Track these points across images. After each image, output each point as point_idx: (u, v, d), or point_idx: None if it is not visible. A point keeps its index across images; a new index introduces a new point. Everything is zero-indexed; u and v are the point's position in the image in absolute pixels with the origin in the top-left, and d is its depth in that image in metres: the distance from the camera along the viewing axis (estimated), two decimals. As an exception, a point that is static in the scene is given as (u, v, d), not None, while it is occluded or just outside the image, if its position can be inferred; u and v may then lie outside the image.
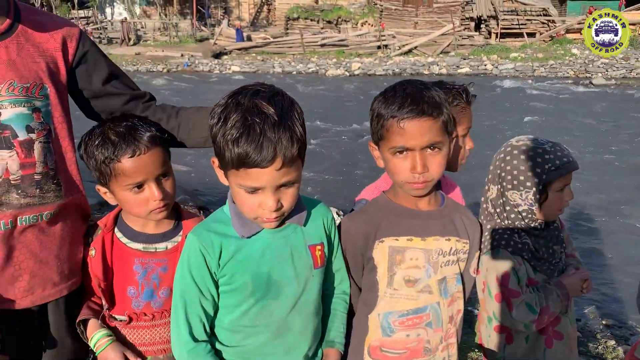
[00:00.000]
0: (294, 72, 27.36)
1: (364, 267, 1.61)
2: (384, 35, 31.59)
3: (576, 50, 28.79)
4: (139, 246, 1.67)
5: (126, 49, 32.58)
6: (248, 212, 1.44)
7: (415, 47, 30.71)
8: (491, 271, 1.86)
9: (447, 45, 30.57)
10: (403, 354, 1.58)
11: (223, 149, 1.35)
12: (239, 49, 32.06)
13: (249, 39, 33.35)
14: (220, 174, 1.46)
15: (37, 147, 1.54)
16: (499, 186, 1.90)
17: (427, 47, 30.64)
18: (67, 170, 1.64)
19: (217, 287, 1.49)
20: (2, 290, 1.53)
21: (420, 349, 1.59)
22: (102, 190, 1.65)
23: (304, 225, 1.55)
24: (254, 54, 31.44)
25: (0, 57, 1.49)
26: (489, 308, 1.90)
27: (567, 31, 31.11)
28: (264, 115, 1.32)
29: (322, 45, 32.13)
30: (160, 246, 1.68)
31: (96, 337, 1.63)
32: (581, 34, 31.95)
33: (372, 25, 35.99)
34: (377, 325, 1.59)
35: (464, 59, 28.21)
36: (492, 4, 34.57)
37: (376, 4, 37.65)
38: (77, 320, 1.63)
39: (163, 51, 31.65)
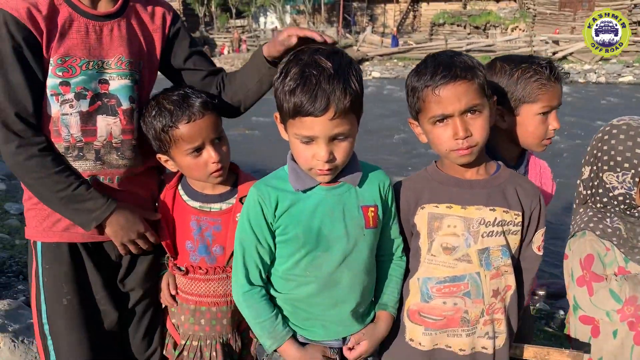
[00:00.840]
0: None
1: (412, 233, 1.62)
2: (534, 41, 29.83)
3: None
4: (196, 204, 1.78)
5: (275, 55, 34.55)
6: (303, 163, 1.50)
7: (571, 54, 28.56)
8: (576, 254, 1.73)
9: (608, 52, 28.00)
10: (439, 321, 1.54)
11: (282, 99, 1.44)
12: (381, 55, 32.34)
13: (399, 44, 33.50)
14: (281, 128, 1.55)
15: (135, 116, 1.72)
16: (594, 167, 1.76)
17: (584, 54, 28.32)
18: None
19: (273, 237, 1.58)
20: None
21: (458, 318, 1.53)
22: (162, 158, 1.77)
23: (359, 186, 1.58)
24: (395, 60, 31.52)
25: (113, 34, 1.66)
26: (572, 293, 1.76)
27: None
28: (321, 68, 1.40)
29: (468, 51, 31.20)
30: (215, 206, 1.77)
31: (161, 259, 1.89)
32: None
33: (522, 31, 34.20)
34: (416, 290, 1.58)
35: (627, 67, 25.60)
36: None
37: (529, 9, 35.69)
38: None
39: (308, 57, 33.03)
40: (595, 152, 1.78)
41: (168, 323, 1.89)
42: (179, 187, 1.82)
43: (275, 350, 1.58)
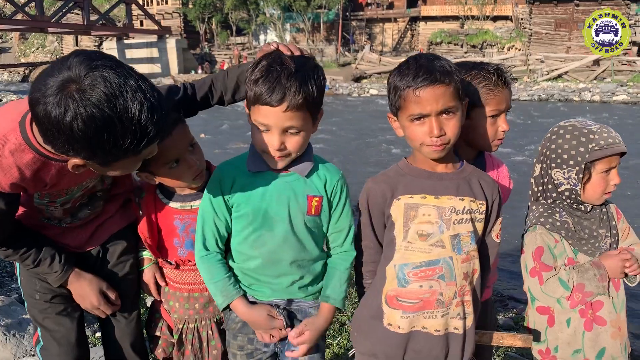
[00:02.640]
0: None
1: (385, 226, 1.72)
2: (530, 60, 30.17)
3: None
4: (176, 205, 1.90)
5: (274, 72, 34.87)
6: (258, 146, 1.66)
7: (566, 72, 28.90)
8: (528, 247, 1.85)
9: (603, 71, 28.32)
10: (417, 304, 1.64)
11: (249, 87, 1.61)
12: (379, 73, 32.70)
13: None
14: (248, 113, 1.70)
15: (108, 183, 1.93)
16: (544, 164, 1.88)
17: (579, 73, 28.68)
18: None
19: (229, 212, 1.76)
20: (79, 241, 1.92)
21: (434, 300, 1.63)
22: (142, 175, 1.85)
23: (308, 177, 1.74)
24: (393, 78, 31.84)
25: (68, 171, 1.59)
26: (526, 284, 1.87)
27: None
28: (284, 67, 1.57)
29: (464, 70, 31.55)
30: (195, 204, 1.87)
31: (143, 253, 2.01)
32: None
33: (518, 50, 34.62)
34: (393, 276, 1.67)
35: (622, 86, 25.90)
36: (660, 27, 31.42)
37: (525, 28, 36.19)
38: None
39: (307, 74, 33.34)
40: (544, 150, 1.88)
41: (162, 310, 1.99)
42: (157, 191, 1.93)
43: (227, 308, 1.76)
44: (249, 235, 1.73)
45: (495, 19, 40.21)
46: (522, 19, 37.33)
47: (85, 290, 1.87)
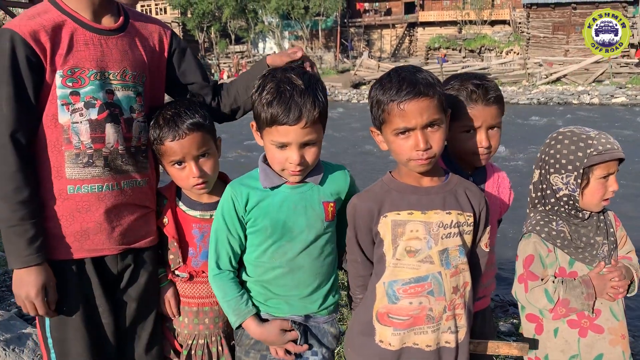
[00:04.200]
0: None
1: (373, 242, 1.71)
2: (528, 64, 30.24)
3: None
4: (196, 213, 1.92)
5: (273, 80, 34.98)
6: (277, 165, 1.71)
7: (564, 76, 28.96)
8: (521, 254, 1.87)
9: (601, 74, 28.37)
10: (407, 320, 1.64)
11: (259, 111, 1.65)
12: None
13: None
14: (257, 135, 1.75)
15: (135, 125, 1.81)
16: (542, 170, 1.89)
17: (577, 76, 28.74)
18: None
19: (244, 229, 1.79)
20: (100, 241, 1.77)
21: (423, 316, 1.63)
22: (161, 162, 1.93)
23: (321, 184, 1.79)
24: (392, 84, 31.90)
25: (117, 48, 1.76)
26: (514, 289, 1.89)
27: None
28: (293, 85, 1.63)
29: (463, 75, 31.63)
30: (214, 213, 1.88)
31: (159, 271, 1.97)
32: None
33: (517, 54, 34.70)
34: (383, 293, 1.67)
35: (620, 88, 25.95)
36: (658, 28, 31.50)
37: (523, 32, 36.31)
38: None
39: (306, 82, 33.44)
40: (543, 156, 1.88)
41: (165, 330, 1.97)
42: (177, 199, 1.95)
43: (239, 327, 1.78)
44: (268, 248, 1.77)
45: (493, 23, 40.34)
46: (519, 23, 37.45)
47: (31, 278, 1.66)
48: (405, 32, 44.37)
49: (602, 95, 25.37)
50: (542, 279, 1.84)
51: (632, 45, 33.16)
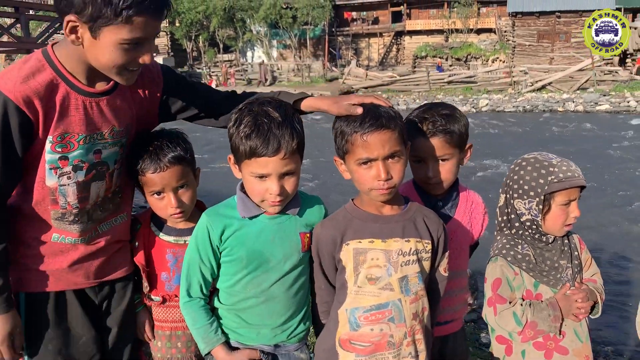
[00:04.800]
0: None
1: (336, 269, 1.77)
2: (513, 72, 30.55)
3: None
4: (170, 239, 1.98)
5: (262, 89, 35.01)
6: (257, 197, 1.73)
7: (550, 83, 29.28)
8: (489, 277, 1.93)
9: (585, 81, 28.71)
10: (369, 347, 1.69)
11: (238, 144, 1.68)
12: (366, 88, 32.93)
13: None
14: (235, 168, 1.78)
15: (116, 174, 1.86)
16: (507, 195, 1.96)
17: (562, 84, 29.06)
18: (126, 182, 1.94)
19: (217, 258, 1.81)
20: (79, 276, 1.84)
21: (385, 342, 1.68)
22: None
23: (299, 214, 1.83)
24: (379, 92, 32.10)
25: (108, 108, 1.75)
26: (484, 312, 1.94)
27: None
28: (271, 117, 1.67)
29: (449, 82, 31.90)
30: (189, 239, 1.94)
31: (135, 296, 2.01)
32: None
33: (503, 62, 35.05)
34: (345, 320, 1.72)
35: (604, 96, 26.23)
36: (640, 37, 32.00)
37: (508, 40, 36.70)
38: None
39: (295, 91, 33.39)
40: (508, 181, 1.95)
41: (141, 354, 2.02)
42: (152, 225, 2.01)
43: (208, 353, 1.81)
44: (243, 278, 1.79)
45: (479, 31, 40.71)
46: (505, 31, 37.87)
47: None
48: (393, 40, 44.64)
49: (586, 103, 25.63)
50: (510, 302, 1.89)
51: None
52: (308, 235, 1.82)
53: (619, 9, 36.63)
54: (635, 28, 32.98)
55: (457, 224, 2.00)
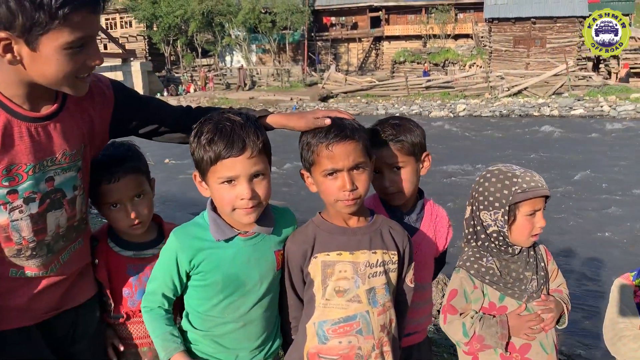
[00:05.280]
0: (397, 114, 27.58)
1: (304, 282, 1.76)
2: (490, 77, 30.95)
3: None
4: (129, 253, 1.94)
5: (241, 94, 34.96)
6: (228, 206, 1.63)
7: (525, 88, 29.73)
8: (449, 286, 1.96)
9: (560, 86, 29.24)
10: None
11: (201, 153, 1.61)
12: (345, 92, 33.06)
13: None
14: (201, 186, 1.70)
15: (78, 201, 1.73)
16: (473, 207, 1.97)
17: (538, 88, 29.54)
18: (87, 204, 1.83)
19: (181, 280, 1.73)
20: (42, 308, 1.71)
21: (353, 355, 1.68)
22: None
23: (273, 233, 1.77)
24: (359, 97, 32.26)
25: (56, 132, 1.61)
26: (440, 318, 1.97)
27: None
28: (232, 120, 1.63)
29: (427, 88, 32.19)
30: (148, 252, 1.93)
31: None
32: None
33: (480, 67, 35.50)
34: (313, 334, 1.72)
35: (578, 100, 26.75)
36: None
37: (485, 46, 37.19)
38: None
39: (274, 95, 33.54)
40: (474, 193, 1.96)
41: None
42: (108, 240, 1.96)
43: None
44: (219, 303, 1.73)
45: (456, 37, 41.21)
46: (482, 37, 38.38)
47: None
48: (372, 45, 44.91)
49: (561, 108, 26.10)
50: (461, 313, 1.91)
51: (588, 59, 34.34)
52: (281, 252, 1.78)
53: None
54: (608, 34, 33.66)
55: (423, 236, 2.01)
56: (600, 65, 33.66)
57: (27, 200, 1.59)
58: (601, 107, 25.49)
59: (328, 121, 1.66)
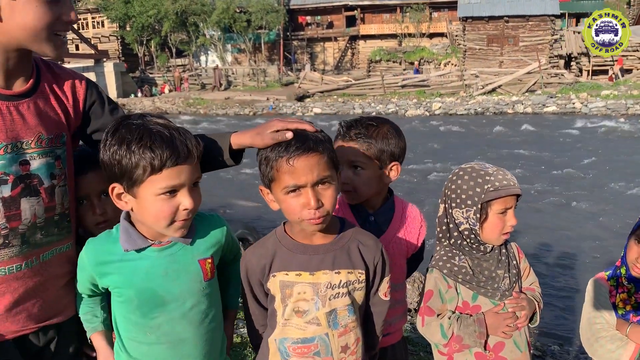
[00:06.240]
0: (374, 113, 27.68)
1: (267, 295, 1.67)
2: (465, 75, 31.28)
3: (678, 86, 26.89)
4: None
5: (217, 94, 34.66)
6: (165, 220, 1.49)
7: (500, 86, 30.10)
8: (425, 287, 1.93)
9: (533, 84, 29.68)
10: None
11: (135, 161, 1.44)
12: (322, 92, 33.04)
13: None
14: (124, 203, 1.54)
15: (57, 192, 1.65)
16: (446, 205, 1.95)
17: (512, 86, 29.94)
18: (73, 206, 1.76)
19: (97, 289, 1.65)
20: (20, 321, 1.62)
21: None
22: None
23: (193, 240, 1.61)
24: (335, 96, 32.27)
25: (30, 112, 1.57)
26: (417, 319, 1.94)
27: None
28: (164, 125, 1.48)
29: (403, 86, 32.36)
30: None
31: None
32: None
33: (454, 66, 35.83)
34: (275, 349, 1.65)
35: (551, 97, 27.19)
36: (583, 41, 33.28)
37: (460, 44, 37.54)
38: None
39: (250, 95, 33.33)
40: (446, 191, 1.95)
41: None
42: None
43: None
44: (137, 321, 1.58)
45: (431, 36, 41.55)
46: (456, 35, 38.72)
47: None
48: (348, 44, 45.00)
49: (534, 105, 26.52)
50: (438, 315, 1.89)
51: (560, 57, 34.94)
52: (209, 260, 1.62)
53: (562, 14, 38.08)
54: (579, 32, 34.32)
55: (391, 237, 1.96)
56: (572, 63, 34.27)
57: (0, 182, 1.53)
58: (573, 104, 25.97)
59: (290, 135, 1.51)
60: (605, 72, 31.60)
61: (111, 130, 1.51)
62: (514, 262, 1.98)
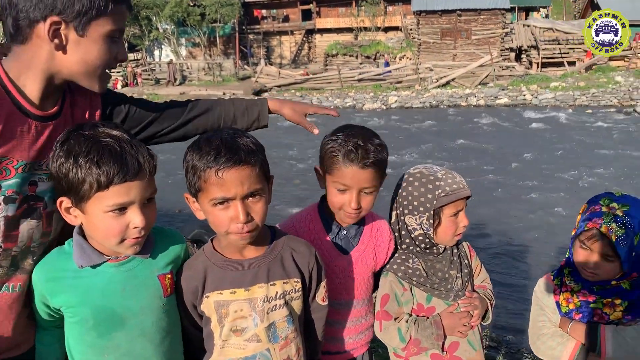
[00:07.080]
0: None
1: (201, 317, 1.61)
2: (419, 68, 31.72)
3: (620, 78, 28.05)
4: None
5: (172, 89, 33.97)
6: (115, 237, 1.43)
7: (453, 79, 30.68)
8: (380, 291, 1.93)
9: (486, 77, 30.38)
10: None
11: (82, 176, 1.37)
12: (279, 86, 32.89)
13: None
14: (70, 215, 1.47)
15: (55, 217, 1.58)
16: (397, 212, 1.96)
17: (465, 79, 30.56)
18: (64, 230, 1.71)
19: (51, 311, 1.54)
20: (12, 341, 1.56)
21: None
22: None
23: (152, 255, 1.55)
24: (292, 91, 32.18)
25: (52, 136, 1.53)
26: (375, 326, 1.96)
27: (611, 59, 30.38)
28: (116, 137, 1.42)
29: (360, 80, 32.56)
30: None
31: None
32: (625, 61, 31.13)
33: (409, 59, 36.28)
34: None
35: (503, 90, 27.94)
36: (533, 34, 34.29)
37: (414, 38, 38.02)
38: None
39: (206, 90, 32.82)
40: (398, 198, 1.93)
41: None
42: None
43: None
44: (93, 342, 1.50)
45: (386, 30, 41.92)
46: (410, 29, 39.20)
47: None
48: (304, 38, 44.90)
49: (487, 97, 27.15)
50: (395, 318, 1.90)
51: (511, 49, 35.87)
52: (169, 276, 1.56)
53: (513, 8, 39.04)
54: (528, 26, 35.32)
55: (360, 252, 1.91)
56: (522, 56, 35.24)
57: (7, 200, 1.47)
58: (524, 95, 26.75)
59: (316, 131, 1.62)
60: (555, 64, 32.64)
61: (60, 141, 1.46)
62: (466, 261, 2.02)
